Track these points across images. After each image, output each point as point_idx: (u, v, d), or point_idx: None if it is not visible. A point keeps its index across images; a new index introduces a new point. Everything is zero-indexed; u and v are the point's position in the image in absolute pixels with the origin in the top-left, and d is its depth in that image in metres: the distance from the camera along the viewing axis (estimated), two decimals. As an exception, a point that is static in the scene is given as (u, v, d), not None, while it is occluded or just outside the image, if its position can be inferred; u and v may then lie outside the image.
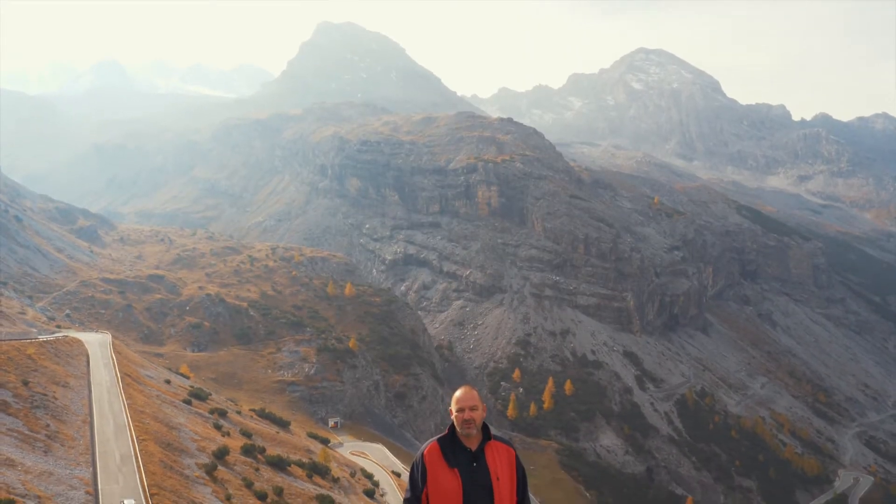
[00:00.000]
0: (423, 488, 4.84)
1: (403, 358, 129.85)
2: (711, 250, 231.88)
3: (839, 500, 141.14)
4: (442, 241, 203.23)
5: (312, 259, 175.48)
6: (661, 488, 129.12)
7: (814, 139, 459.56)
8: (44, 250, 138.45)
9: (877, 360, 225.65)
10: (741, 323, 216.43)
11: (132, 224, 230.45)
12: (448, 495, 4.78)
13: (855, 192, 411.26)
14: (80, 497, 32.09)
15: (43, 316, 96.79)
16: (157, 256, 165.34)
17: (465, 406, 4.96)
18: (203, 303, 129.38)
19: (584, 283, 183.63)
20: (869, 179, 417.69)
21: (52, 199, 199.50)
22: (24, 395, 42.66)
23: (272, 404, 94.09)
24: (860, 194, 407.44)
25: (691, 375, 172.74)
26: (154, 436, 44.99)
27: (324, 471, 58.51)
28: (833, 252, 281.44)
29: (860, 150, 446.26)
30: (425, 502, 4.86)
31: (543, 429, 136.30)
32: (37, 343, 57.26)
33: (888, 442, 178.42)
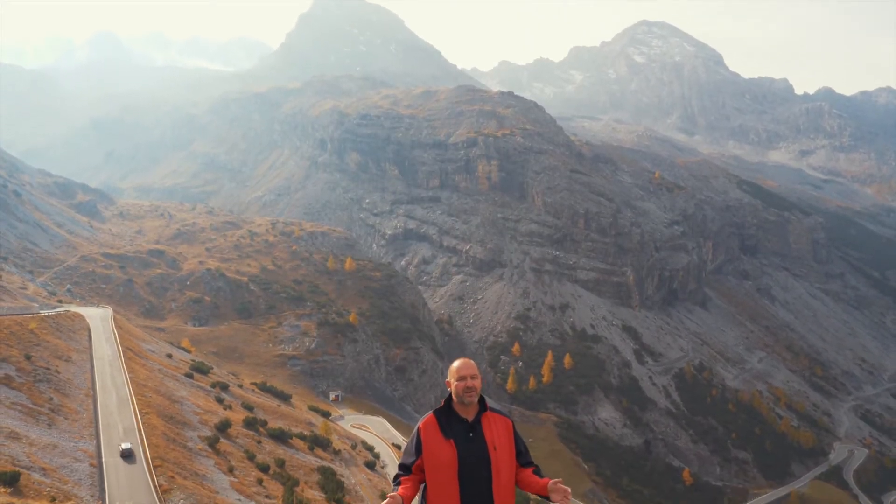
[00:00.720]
0: (416, 460, 4.87)
1: (403, 332, 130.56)
2: (711, 225, 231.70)
3: (834, 472, 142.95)
4: (442, 215, 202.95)
5: (312, 234, 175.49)
6: (659, 460, 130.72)
7: (816, 113, 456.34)
8: (43, 225, 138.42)
9: (874, 335, 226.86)
10: (740, 298, 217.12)
11: (131, 199, 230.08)
12: (444, 466, 4.82)
13: (856, 166, 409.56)
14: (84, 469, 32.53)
15: (44, 291, 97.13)
16: (156, 231, 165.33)
17: (466, 375, 5.00)
18: (203, 277, 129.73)
19: (584, 258, 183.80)
20: (871, 154, 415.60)
21: (50, 173, 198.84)
22: (27, 370, 43.02)
23: (273, 378, 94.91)
24: (862, 169, 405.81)
25: (690, 350, 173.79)
26: (157, 409, 45.48)
27: (325, 443, 59.21)
28: (833, 227, 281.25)
29: (863, 125, 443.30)
30: (419, 474, 4.88)
31: (542, 402, 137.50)
32: (38, 318, 57.59)
33: (883, 415, 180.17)
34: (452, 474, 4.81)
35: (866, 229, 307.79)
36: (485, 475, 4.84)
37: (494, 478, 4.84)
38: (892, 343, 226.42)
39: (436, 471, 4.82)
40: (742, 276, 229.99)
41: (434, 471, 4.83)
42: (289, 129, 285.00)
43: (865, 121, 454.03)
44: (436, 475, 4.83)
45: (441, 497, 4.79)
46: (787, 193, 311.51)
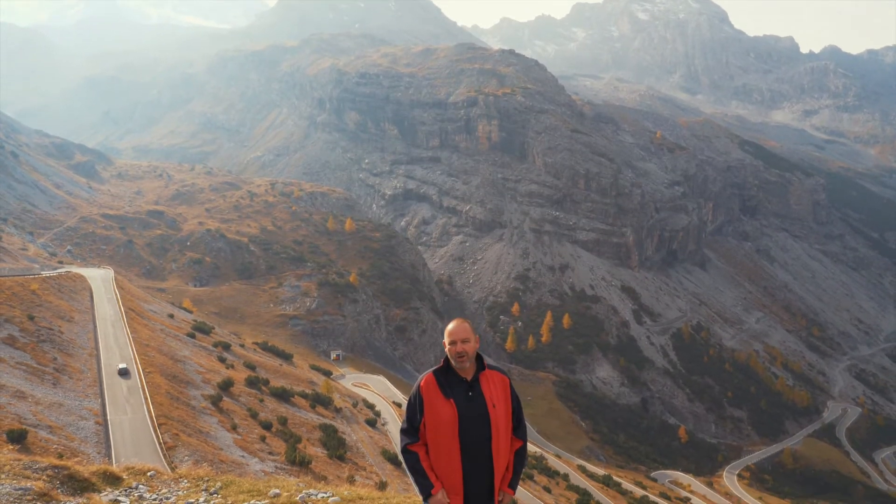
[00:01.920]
0: (421, 419, 4.96)
1: (403, 292, 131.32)
2: (712, 186, 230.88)
3: (827, 429, 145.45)
4: (442, 175, 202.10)
5: (312, 194, 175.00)
6: (655, 418, 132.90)
7: (821, 73, 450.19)
8: (42, 186, 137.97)
9: (871, 296, 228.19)
10: (739, 258, 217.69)
11: (129, 159, 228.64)
12: (445, 425, 4.91)
13: (860, 127, 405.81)
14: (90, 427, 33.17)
15: (45, 252, 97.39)
16: (156, 192, 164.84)
17: (456, 339, 5.03)
18: (204, 238, 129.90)
19: (584, 219, 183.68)
20: (875, 114, 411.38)
21: (47, 133, 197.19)
22: (30, 330, 43.47)
23: (274, 338, 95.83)
24: (865, 129, 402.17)
25: (688, 310, 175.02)
26: (160, 368, 46.08)
27: (326, 401, 60.07)
28: (834, 188, 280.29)
29: (868, 84, 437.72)
30: (423, 432, 4.98)
31: (541, 361, 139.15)
32: (40, 279, 57.87)
33: (877, 375, 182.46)
34: (453, 432, 4.90)
35: (868, 190, 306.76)
36: (484, 432, 4.94)
37: (493, 434, 4.95)
38: (889, 304, 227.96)
39: (437, 429, 4.92)
40: (742, 237, 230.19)
41: (435, 429, 4.93)
42: (287, 89, 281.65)
43: (871, 80, 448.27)
44: (437, 433, 4.92)
45: (442, 454, 4.90)
46: (788, 154, 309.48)
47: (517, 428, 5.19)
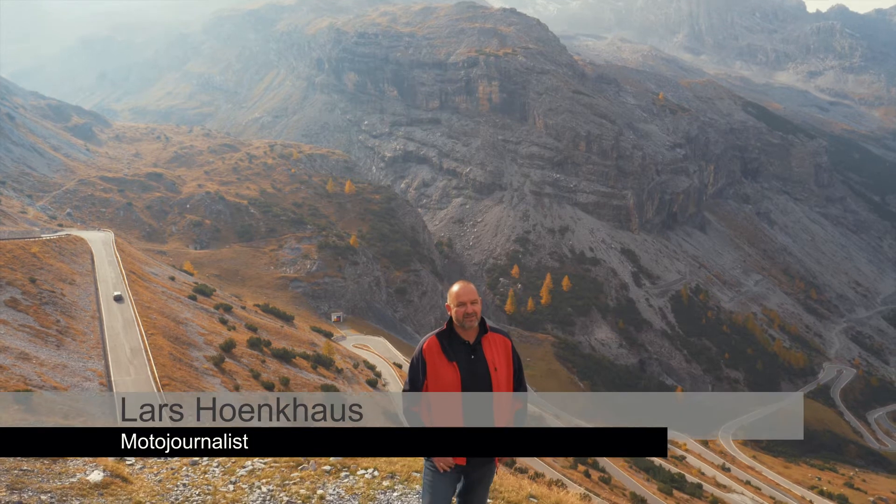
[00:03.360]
0: (424, 381, 5.03)
1: (404, 255, 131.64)
2: (714, 148, 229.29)
3: (821, 390, 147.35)
4: (442, 137, 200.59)
5: (311, 156, 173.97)
6: (653, 379, 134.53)
7: (827, 33, 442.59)
8: (40, 148, 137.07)
9: (870, 259, 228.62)
10: (739, 221, 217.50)
11: (127, 121, 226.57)
12: (447, 387, 4.98)
13: (865, 88, 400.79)
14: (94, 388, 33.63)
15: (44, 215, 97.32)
16: (154, 154, 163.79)
17: (466, 300, 5.07)
18: (203, 200, 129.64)
19: (585, 181, 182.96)
20: (881, 76, 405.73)
21: (43, 95, 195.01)
22: (32, 293, 43.71)
23: (275, 300, 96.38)
24: (870, 91, 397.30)
25: (687, 272, 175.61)
26: (162, 330, 46.49)
27: (328, 362, 60.78)
28: (837, 151, 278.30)
29: (874, 45, 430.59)
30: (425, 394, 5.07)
31: (540, 323, 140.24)
32: (40, 242, 57.91)
33: (873, 337, 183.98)
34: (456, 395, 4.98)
35: (870, 153, 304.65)
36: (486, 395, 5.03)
37: (495, 397, 5.03)
38: (887, 267, 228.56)
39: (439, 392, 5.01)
40: (742, 199, 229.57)
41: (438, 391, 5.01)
42: (284, 49, 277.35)
43: (878, 41, 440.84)
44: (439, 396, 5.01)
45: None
46: (792, 116, 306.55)
47: (517, 388, 5.25)
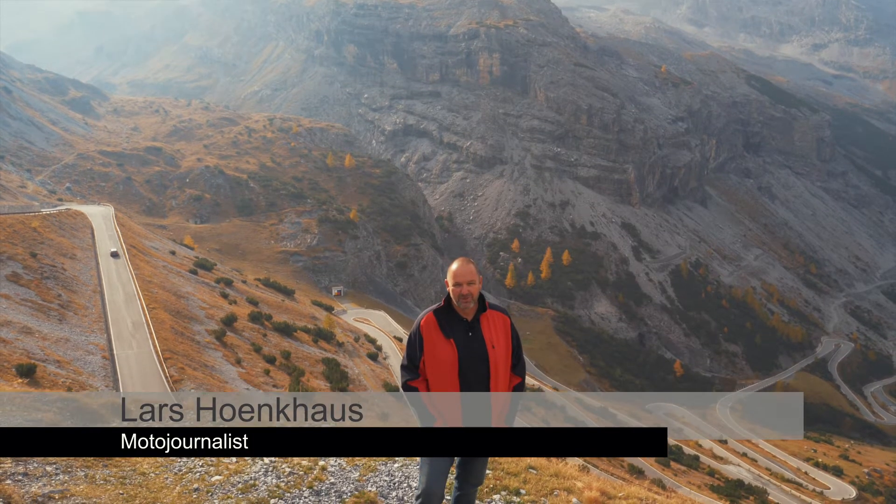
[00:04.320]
0: (421, 356, 5.03)
1: (404, 229, 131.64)
2: (716, 122, 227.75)
3: (819, 364, 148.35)
4: (442, 111, 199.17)
5: (311, 130, 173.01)
6: (651, 353, 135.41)
7: (832, 4, 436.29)
8: (38, 123, 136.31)
9: (871, 234, 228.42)
10: (740, 196, 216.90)
11: (125, 95, 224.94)
12: (444, 365, 4.97)
13: (870, 61, 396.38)
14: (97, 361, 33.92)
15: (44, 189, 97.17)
16: (153, 128, 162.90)
17: (462, 281, 5.01)
18: (203, 175, 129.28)
19: (586, 155, 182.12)
20: (886, 48, 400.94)
21: (40, 69, 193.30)
22: (33, 267, 43.85)
23: (276, 274, 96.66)
24: (875, 64, 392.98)
25: (687, 247, 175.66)
26: (163, 304, 46.73)
27: (329, 336, 61.15)
28: (840, 125, 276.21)
29: (881, 17, 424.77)
30: (422, 369, 5.06)
31: (540, 297, 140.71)
32: (40, 216, 57.95)
33: (872, 311, 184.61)
34: (453, 372, 4.98)
35: (874, 127, 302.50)
36: (483, 372, 5.02)
37: (492, 374, 5.04)
38: (887, 242, 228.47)
39: (436, 368, 5.00)
40: (744, 174, 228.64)
41: (434, 368, 5.00)
42: (283, 21, 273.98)
43: (885, 12, 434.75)
44: (436, 372, 5.00)
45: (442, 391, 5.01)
46: (795, 90, 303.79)
47: (516, 365, 5.26)
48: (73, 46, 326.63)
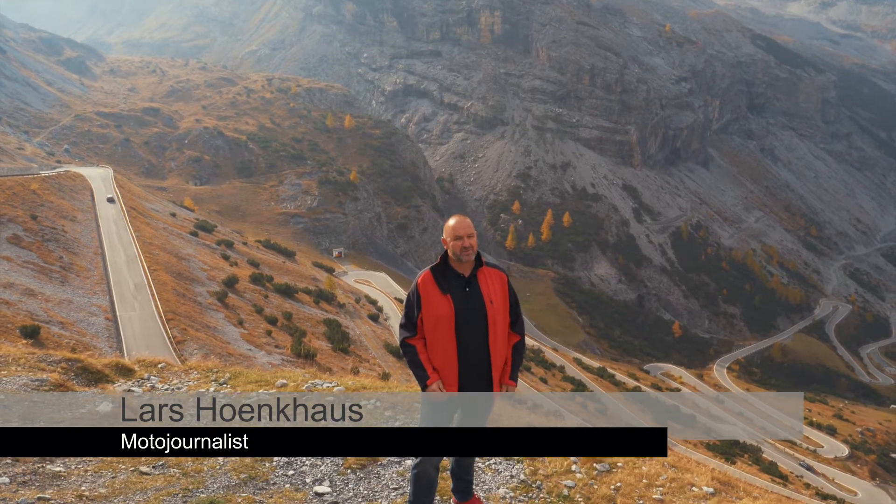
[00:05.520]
0: (419, 314, 4.99)
1: (404, 190, 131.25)
2: (720, 82, 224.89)
3: (817, 326, 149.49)
4: (443, 70, 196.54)
5: (310, 90, 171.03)
6: (650, 314, 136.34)
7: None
8: (33, 83, 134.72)
9: (872, 196, 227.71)
10: (743, 157, 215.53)
11: (121, 55, 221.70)
12: (442, 320, 4.93)
13: (878, 20, 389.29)
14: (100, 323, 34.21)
15: (42, 151, 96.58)
16: (150, 89, 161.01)
17: (462, 234, 5.00)
18: (202, 136, 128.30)
19: (588, 116, 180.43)
20: (895, 7, 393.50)
21: (33, 28, 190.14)
22: (34, 229, 43.88)
23: (277, 236, 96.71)
24: (884, 23, 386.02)
25: (688, 209, 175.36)
26: (164, 266, 46.88)
27: (330, 297, 61.51)
28: (846, 85, 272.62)
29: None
30: (420, 327, 5.03)
31: (540, 259, 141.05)
32: (39, 178, 57.73)
33: (871, 273, 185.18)
34: (450, 328, 4.95)
35: (880, 88, 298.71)
36: (481, 328, 5.00)
37: (491, 330, 5.02)
38: (889, 204, 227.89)
39: (434, 324, 4.97)
40: (747, 135, 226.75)
41: (433, 324, 4.97)
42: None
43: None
44: (434, 329, 4.97)
45: (439, 348, 4.98)
46: (801, 49, 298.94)
47: (514, 323, 5.23)
48: (66, 5, 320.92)
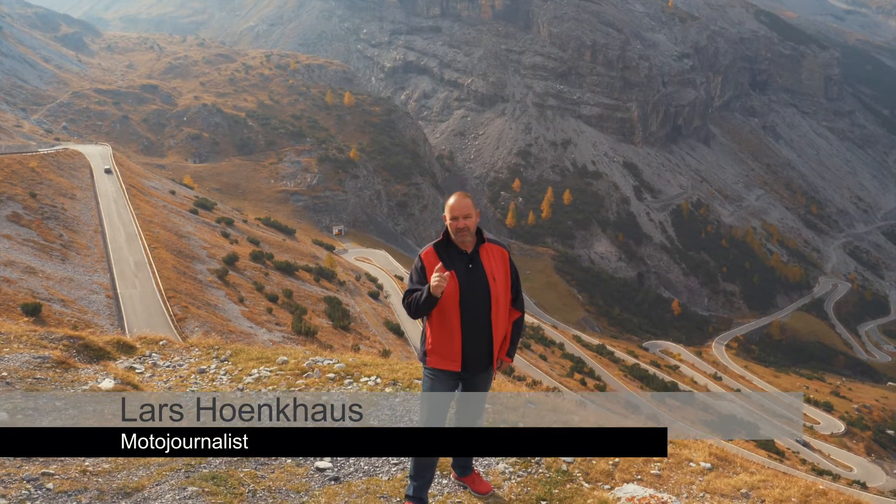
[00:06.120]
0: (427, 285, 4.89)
1: (404, 168, 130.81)
2: (723, 59, 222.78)
3: (816, 303, 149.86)
4: (443, 46, 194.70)
5: (309, 66, 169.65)
6: (650, 292, 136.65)
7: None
8: (30, 60, 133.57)
9: (874, 174, 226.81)
10: (744, 135, 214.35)
11: (118, 31, 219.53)
12: (445, 297, 4.86)
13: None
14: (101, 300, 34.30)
15: (40, 129, 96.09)
16: (148, 65, 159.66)
17: (458, 215, 4.93)
18: (200, 113, 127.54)
19: (589, 93, 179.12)
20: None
21: (28, 3, 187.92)
22: (33, 207, 43.82)
23: (276, 213, 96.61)
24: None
25: (689, 187, 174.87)
26: (165, 244, 46.89)
27: (330, 275, 61.59)
28: (850, 62, 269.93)
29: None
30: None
31: (541, 236, 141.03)
32: (38, 156, 57.51)
33: (871, 251, 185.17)
34: (454, 304, 4.91)
35: (884, 65, 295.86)
36: (484, 304, 4.97)
37: (493, 306, 4.99)
38: (890, 182, 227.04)
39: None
40: (749, 112, 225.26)
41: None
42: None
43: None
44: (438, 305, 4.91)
45: (442, 326, 4.97)
46: (805, 26, 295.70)
47: (515, 300, 5.22)
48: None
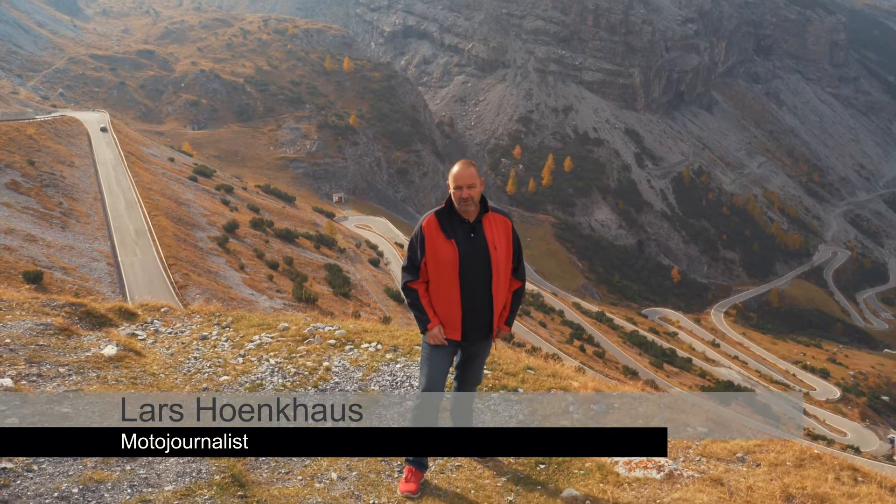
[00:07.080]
0: (422, 258, 4.93)
1: (404, 134, 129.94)
2: (727, 23, 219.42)
3: (815, 271, 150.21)
4: (443, 10, 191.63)
5: (308, 31, 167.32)
6: (650, 259, 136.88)
7: None
8: (24, 25, 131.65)
9: (877, 141, 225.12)
10: (748, 101, 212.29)
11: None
12: (446, 265, 4.87)
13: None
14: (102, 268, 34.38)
15: (36, 95, 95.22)
16: (144, 30, 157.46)
17: (462, 185, 4.85)
18: (198, 79, 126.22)
19: (591, 58, 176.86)
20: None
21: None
22: (32, 175, 43.65)
23: (276, 181, 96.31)
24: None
25: (690, 154, 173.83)
26: (165, 211, 46.83)
27: (330, 242, 61.68)
28: (856, 27, 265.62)
29: None
30: (423, 270, 4.96)
31: (541, 204, 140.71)
32: (35, 123, 57.07)
33: (871, 220, 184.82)
34: (454, 272, 4.89)
35: (891, 30, 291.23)
36: (484, 273, 4.94)
37: (494, 275, 4.96)
38: (894, 150, 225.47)
39: (437, 268, 4.90)
40: (752, 78, 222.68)
41: (436, 268, 4.91)
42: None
43: None
44: (438, 273, 4.91)
45: (442, 293, 4.95)
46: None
47: (516, 269, 5.18)
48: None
